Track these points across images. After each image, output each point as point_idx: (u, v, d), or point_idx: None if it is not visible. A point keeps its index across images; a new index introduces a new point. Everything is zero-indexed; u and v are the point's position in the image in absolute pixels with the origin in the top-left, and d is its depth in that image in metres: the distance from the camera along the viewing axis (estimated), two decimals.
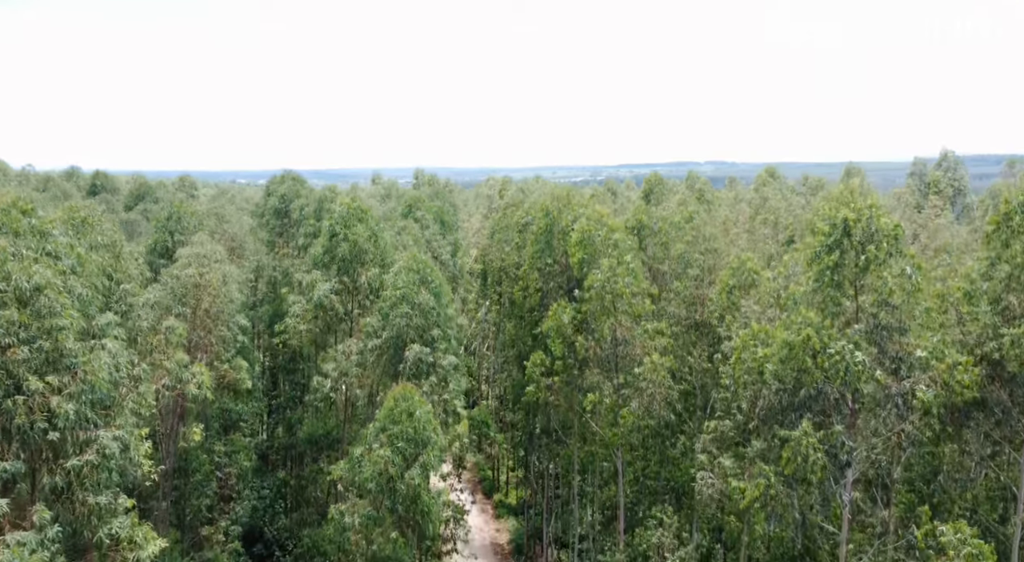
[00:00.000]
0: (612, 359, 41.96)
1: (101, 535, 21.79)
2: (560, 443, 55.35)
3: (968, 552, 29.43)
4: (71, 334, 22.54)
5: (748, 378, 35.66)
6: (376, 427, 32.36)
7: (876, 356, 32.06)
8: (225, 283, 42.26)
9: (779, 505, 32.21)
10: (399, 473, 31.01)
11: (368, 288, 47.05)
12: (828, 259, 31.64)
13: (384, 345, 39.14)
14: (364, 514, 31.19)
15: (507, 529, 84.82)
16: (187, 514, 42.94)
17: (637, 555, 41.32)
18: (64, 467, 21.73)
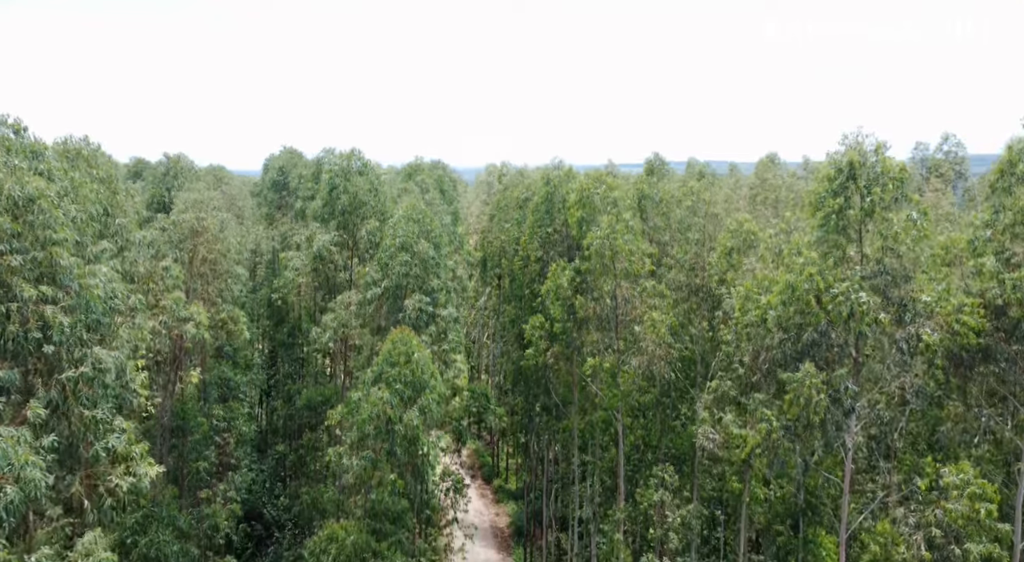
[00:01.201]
0: (612, 320, 41.66)
1: (97, 449, 21.45)
2: (560, 418, 55.03)
3: (972, 491, 29.18)
4: (66, 250, 22.20)
5: (750, 330, 35.41)
6: (374, 371, 32.06)
7: (881, 304, 31.81)
8: (223, 230, 41.90)
9: (782, 449, 31.88)
10: (397, 416, 30.72)
11: (368, 242, 46.67)
12: (832, 203, 31.40)
13: (383, 295, 38.79)
14: (363, 456, 30.87)
15: (507, 513, 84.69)
16: (186, 476, 42.56)
17: (638, 515, 41.00)
18: (59, 379, 21.36)
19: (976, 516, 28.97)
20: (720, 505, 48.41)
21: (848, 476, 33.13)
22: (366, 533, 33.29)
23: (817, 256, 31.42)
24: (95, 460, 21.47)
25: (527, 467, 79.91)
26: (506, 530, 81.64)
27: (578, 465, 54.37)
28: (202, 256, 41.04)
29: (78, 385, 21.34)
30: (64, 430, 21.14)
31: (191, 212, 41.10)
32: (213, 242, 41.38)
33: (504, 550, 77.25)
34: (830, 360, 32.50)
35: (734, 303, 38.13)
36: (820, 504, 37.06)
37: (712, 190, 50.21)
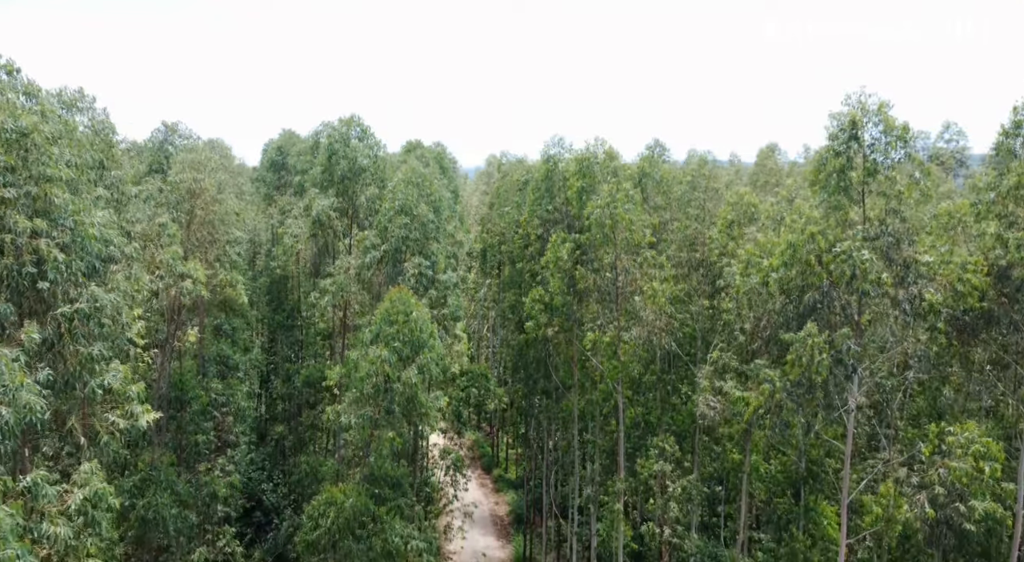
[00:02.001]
0: (612, 291, 41.39)
1: (93, 386, 21.17)
2: (560, 400, 54.76)
3: (976, 449, 28.97)
4: (60, 187, 21.88)
5: (752, 295, 35.24)
6: (372, 331, 31.84)
7: (883, 265, 31.62)
8: (221, 191, 41.46)
9: (785, 411, 31.65)
10: (396, 374, 30.49)
11: (368, 209, 46.31)
12: (835, 162, 31.20)
13: (382, 259, 38.52)
14: (361, 414, 30.63)
15: (506, 502, 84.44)
16: (185, 448, 42.26)
17: (638, 485, 40.75)
18: (54, 316, 21.04)
19: (980, 475, 28.75)
20: (721, 482, 48.25)
21: (850, 440, 32.87)
22: (365, 496, 33.10)
23: (819, 216, 31.23)
24: (91, 397, 21.15)
25: (527, 457, 79.69)
26: (506, 518, 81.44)
27: (578, 447, 54.11)
28: (200, 218, 40.65)
29: (73, 322, 21.04)
30: (60, 367, 20.84)
31: (188, 172, 40.68)
32: (211, 204, 40.97)
33: (504, 538, 77.04)
34: (832, 322, 32.28)
35: (735, 270, 37.95)
36: (822, 472, 36.85)
37: (714, 172, 49.92)
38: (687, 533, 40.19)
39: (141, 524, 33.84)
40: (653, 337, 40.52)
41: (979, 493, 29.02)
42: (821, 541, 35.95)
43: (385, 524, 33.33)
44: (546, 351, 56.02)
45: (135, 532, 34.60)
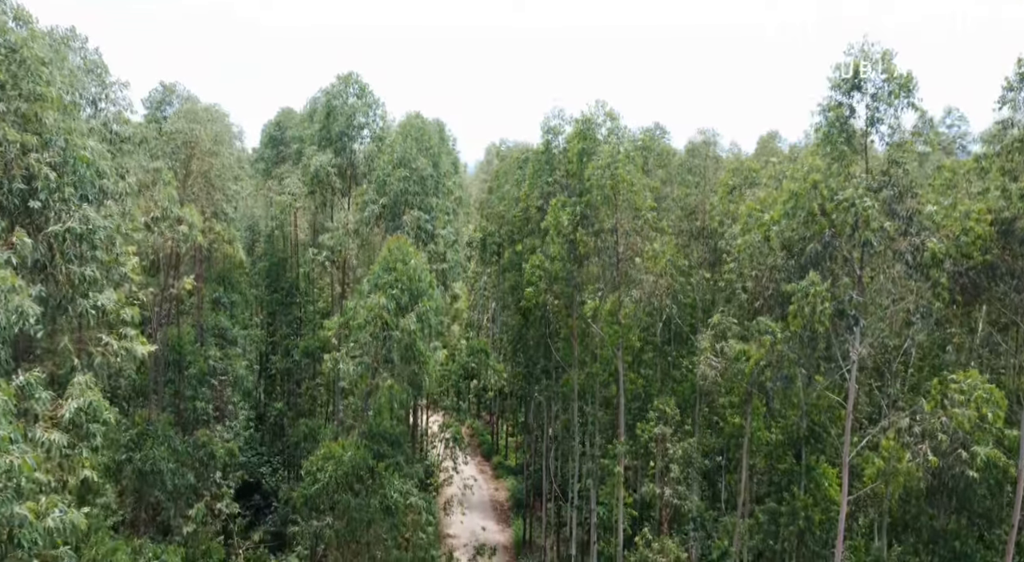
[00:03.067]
0: (613, 255, 41.11)
1: (86, 307, 20.84)
2: (561, 377, 54.48)
3: (979, 395, 28.73)
4: (51, 107, 21.47)
5: (752, 250, 35.00)
6: (370, 281, 31.59)
7: (887, 217, 31.41)
8: (217, 143, 41.02)
9: (786, 362, 31.39)
10: (394, 322, 30.25)
11: (367, 167, 45.88)
12: (837, 111, 31.00)
13: (381, 213, 38.23)
14: (360, 362, 30.40)
15: (506, 487, 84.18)
16: (183, 412, 41.94)
17: (638, 448, 40.49)
18: (46, 234, 20.64)
19: (983, 422, 28.51)
20: (722, 452, 47.97)
21: (852, 395, 32.59)
22: (364, 451, 32.86)
23: (822, 165, 31.01)
24: (84, 316, 20.78)
25: (526, 444, 79.44)
26: (505, 503, 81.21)
27: (578, 423, 53.81)
28: (196, 171, 40.18)
29: (65, 242, 20.67)
30: (52, 289, 20.50)
31: (184, 122, 40.24)
32: (207, 156, 40.45)
33: (503, 522, 76.78)
34: (835, 275, 32.03)
35: (736, 231, 37.75)
36: (824, 433, 36.55)
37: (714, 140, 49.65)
38: (688, 493, 39.90)
39: (138, 477, 33.57)
40: (654, 300, 40.25)
41: (982, 440, 28.73)
42: (823, 501, 35.66)
43: (384, 479, 33.10)
44: (546, 329, 55.74)
45: (132, 486, 34.33)
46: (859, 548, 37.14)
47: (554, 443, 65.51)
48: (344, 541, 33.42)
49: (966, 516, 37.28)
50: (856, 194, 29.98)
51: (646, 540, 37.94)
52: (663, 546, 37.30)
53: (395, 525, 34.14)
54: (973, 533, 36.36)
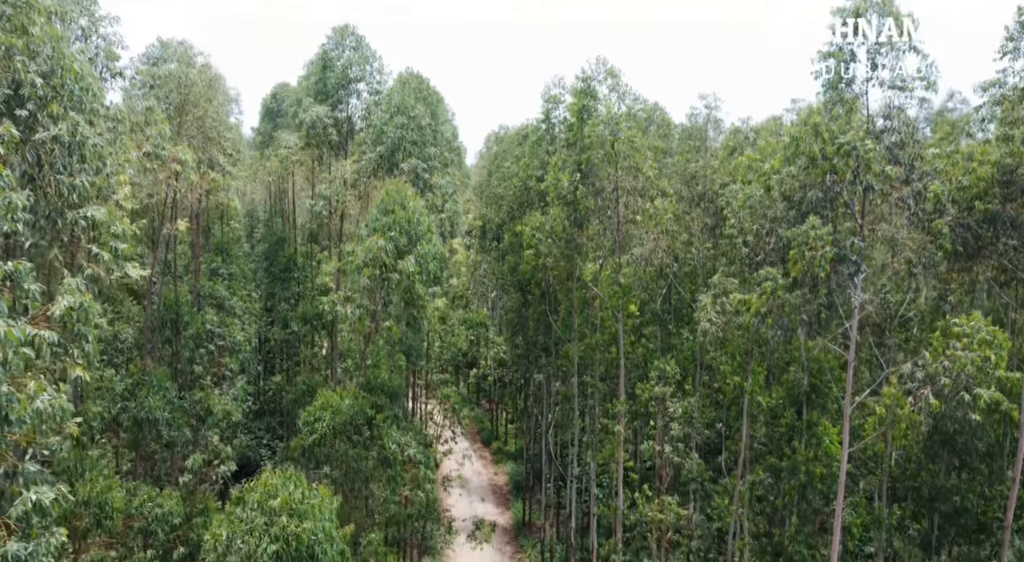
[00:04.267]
0: (614, 215, 40.84)
1: (76, 217, 20.46)
2: (560, 352, 54.19)
3: (982, 337, 28.46)
4: (39, 14, 20.90)
5: (753, 202, 34.77)
6: (369, 225, 31.35)
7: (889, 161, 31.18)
8: (212, 88, 40.48)
9: (788, 307, 31.09)
10: (393, 263, 30.00)
11: (363, 120, 45.41)
12: (838, 55, 30.77)
13: (379, 162, 37.93)
14: (358, 304, 30.14)
15: (505, 472, 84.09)
16: (181, 373, 41.62)
17: (638, 408, 40.21)
18: (33, 142, 20.15)
19: (986, 365, 28.22)
20: (721, 420, 47.70)
21: (853, 344, 32.30)
22: (362, 400, 32.61)
23: (823, 107, 30.79)
24: (74, 226, 20.39)
25: (525, 428, 79.27)
26: (505, 487, 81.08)
27: (578, 398, 53.54)
28: (190, 115, 39.53)
29: (54, 152, 20.24)
30: (41, 202, 20.13)
31: (176, 65, 39.61)
32: (202, 100, 39.78)
33: (503, 505, 76.62)
34: (836, 222, 31.80)
35: (738, 187, 37.53)
36: (825, 388, 36.29)
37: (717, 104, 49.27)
38: (688, 452, 39.60)
39: (134, 425, 33.28)
40: (655, 259, 39.97)
41: (984, 383, 28.43)
42: (824, 457, 35.39)
43: (382, 430, 32.83)
44: (545, 306, 55.56)
45: (128, 435, 34.07)
46: (860, 504, 36.87)
47: (553, 427, 65.28)
48: (343, 493, 33.14)
49: (967, 472, 37.04)
50: (857, 137, 29.73)
51: (646, 496, 37.66)
52: (663, 503, 37.00)
53: (393, 477, 33.88)
54: (975, 488, 36.10)
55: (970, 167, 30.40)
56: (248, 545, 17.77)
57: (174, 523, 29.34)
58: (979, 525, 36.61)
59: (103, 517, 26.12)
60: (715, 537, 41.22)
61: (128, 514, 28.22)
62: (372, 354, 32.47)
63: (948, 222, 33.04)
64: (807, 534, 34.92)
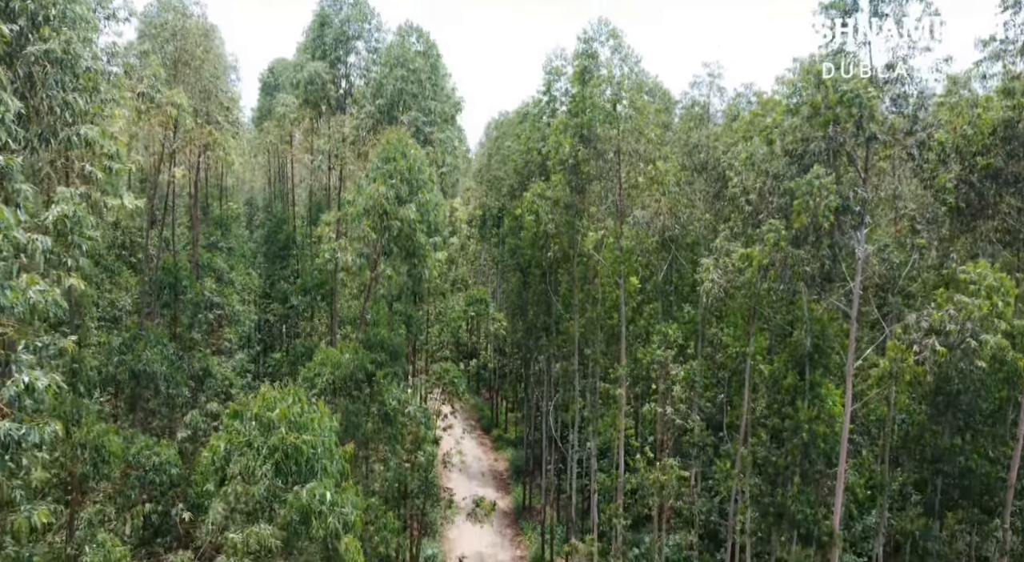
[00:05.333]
0: (616, 180, 40.56)
1: (69, 134, 20.07)
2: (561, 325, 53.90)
3: (989, 284, 28.20)
4: None
5: (755, 161, 34.56)
6: (370, 174, 31.06)
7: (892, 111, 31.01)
8: (208, 38, 39.89)
9: (791, 259, 30.83)
10: (394, 210, 29.72)
11: (363, 75, 44.95)
12: (840, 5, 30.60)
13: (380, 117, 37.59)
14: (358, 250, 29.85)
15: (506, 458, 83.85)
16: (179, 338, 41.23)
17: (640, 371, 39.92)
18: (24, 56, 19.70)
19: (993, 312, 27.95)
20: (724, 391, 47.48)
21: (856, 298, 32.07)
22: (363, 355, 32.34)
23: (825, 57, 30.58)
24: (67, 145, 20.01)
25: (525, 411, 79.01)
26: (505, 473, 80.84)
27: (579, 375, 53.24)
28: (187, 66, 38.86)
29: (46, 67, 19.85)
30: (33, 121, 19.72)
31: (172, 14, 38.99)
32: (199, 49, 39.13)
33: (503, 489, 76.36)
34: (839, 174, 31.56)
35: (740, 149, 37.31)
36: (827, 347, 36.01)
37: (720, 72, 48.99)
38: (690, 413, 39.30)
39: (131, 378, 32.97)
40: (657, 221, 39.71)
41: (991, 331, 28.16)
42: (826, 417, 35.09)
43: (382, 387, 32.56)
44: (546, 284, 55.30)
45: (126, 391, 33.77)
46: (864, 464, 36.60)
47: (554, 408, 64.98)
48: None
49: (971, 433, 36.80)
50: (860, 85, 29.53)
51: (648, 459, 37.36)
52: (664, 465, 36.71)
53: (394, 436, 33.61)
54: (979, 448, 35.85)
55: (975, 114, 30.15)
56: (247, 457, 17.55)
57: (172, 473, 29.04)
58: (983, 486, 36.38)
59: (100, 461, 25.84)
60: (716, 501, 40.94)
61: (125, 461, 27.95)
62: (372, 309, 32.18)
63: (951, 179, 32.86)
64: (809, 494, 34.59)
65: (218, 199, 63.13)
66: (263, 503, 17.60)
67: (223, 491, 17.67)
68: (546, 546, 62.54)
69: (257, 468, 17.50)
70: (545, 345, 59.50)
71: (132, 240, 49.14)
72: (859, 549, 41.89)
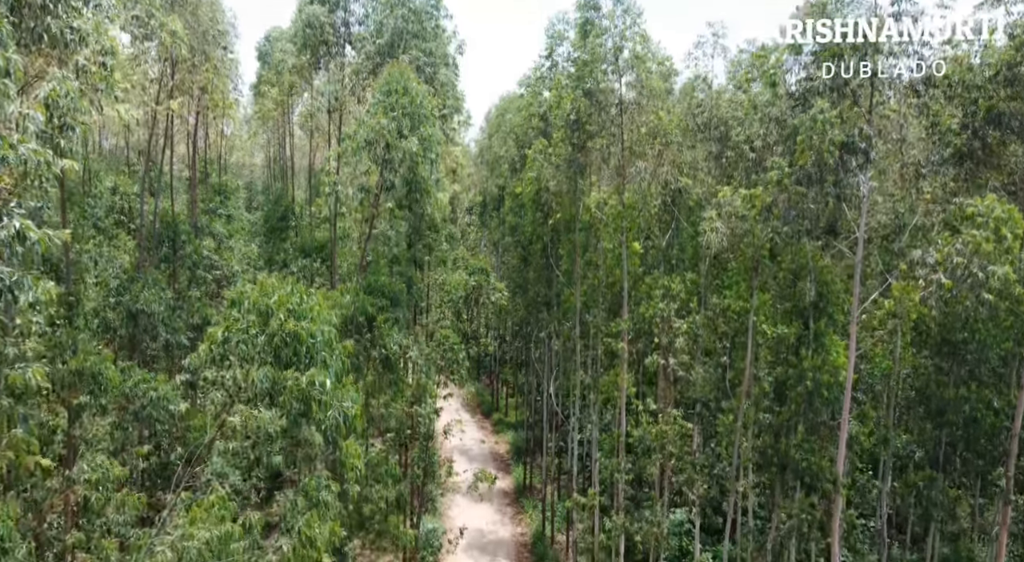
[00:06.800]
0: (617, 132, 40.23)
1: (61, 26, 19.60)
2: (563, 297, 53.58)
3: (997, 215, 27.91)
4: None
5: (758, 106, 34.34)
6: (371, 108, 30.72)
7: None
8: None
9: (794, 195, 30.56)
10: (396, 142, 29.37)
11: (362, 21, 44.39)
12: None
13: (378, 54, 37.20)
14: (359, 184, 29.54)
15: (506, 441, 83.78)
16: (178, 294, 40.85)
17: (642, 325, 39.58)
18: None
19: (1001, 244, 27.65)
20: (727, 352, 47.09)
21: (861, 240, 31.76)
22: (363, 298, 32.02)
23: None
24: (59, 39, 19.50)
25: (526, 399, 78.90)
26: (506, 456, 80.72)
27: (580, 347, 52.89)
28: (182, 5, 38.22)
29: None
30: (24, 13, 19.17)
31: None
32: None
33: (504, 471, 76.15)
34: (842, 113, 31.28)
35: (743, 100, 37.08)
36: (831, 296, 35.68)
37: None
38: (692, 363, 38.95)
39: (129, 318, 32.63)
40: (660, 173, 39.39)
41: (999, 261, 27.84)
42: (830, 367, 34.75)
43: (382, 331, 32.24)
44: (546, 258, 55.06)
45: (124, 332, 33.41)
46: (867, 414, 36.28)
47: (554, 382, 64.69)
48: None
49: (975, 384, 36.50)
50: (861, 18, 29.32)
51: (650, 412, 37.01)
52: (667, 416, 36.37)
53: (394, 381, 33.28)
54: (984, 397, 35.55)
55: (984, 40, 29.92)
56: (245, 344, 17.23)
57: (170, 410, 28.67)
58: (987, 436, 36.10)
59: (97, 389, 25.50)
60: (718, 455, 40.60)
61: (123, 394, 27.60)
62: (372, 252, 31.83)
63: (956, 121, 32.64)
64: (813, 444, 34.24)
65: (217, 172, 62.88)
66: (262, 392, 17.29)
67: (221, 377, 17.38)
68: (547, 523, 62.28)
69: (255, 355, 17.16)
70: (546, 320, 59.22)
71: (130, 206, 48.86)
72: (863, 508, 41.57)
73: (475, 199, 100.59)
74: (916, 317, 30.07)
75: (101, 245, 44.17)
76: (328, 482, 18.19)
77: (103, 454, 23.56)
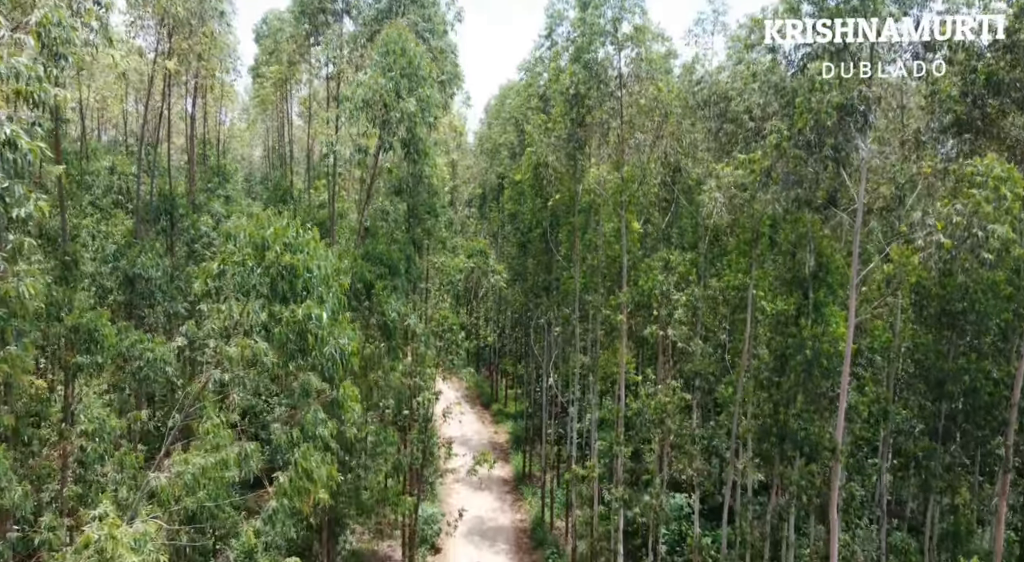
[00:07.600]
0: (617, 104, 40.14)
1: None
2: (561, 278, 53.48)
3: (996, 174, 27.76)
4: None
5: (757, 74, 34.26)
6: (370, 69, 30.55)
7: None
8: None
9: (792, 158, 30.44)
10: (394, 103, 29.26)
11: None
12: None
13: (375, 22, 36.98)
14: (357, 143, 29.41)
15: (506, 431, 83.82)
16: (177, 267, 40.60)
17: (642, 298, 39.44)
18: None
19: (1000, 204, 27.49)
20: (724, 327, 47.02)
21: (861, 204, 31.63)
22: (361, 264, 31.91)
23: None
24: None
25: (525, 390, 78.83)
26: (505, 445, 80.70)
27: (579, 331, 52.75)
28: None
29: None
30: None
31: None
32: None
33: (503, 459, 76.10)
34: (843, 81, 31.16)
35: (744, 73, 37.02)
36: (829, 264, 35.58)
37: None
38: (692, 335, 38.82)
39: (125, 283, 32.49)
40: (659, 144, 39.30)
41: (999, 221, 27.68)
42: (831, 338, 34.62)
43: (381, 297, 32.13)
44: (545, 243, 54.99)
45: (121, 297, 33.24)
46: (867, 385, 36.14)
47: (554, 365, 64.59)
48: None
49: (975, 355, 36.38)
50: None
51: (650, 382, 36.87)
52: (667, 387, 36.23)
53: (393, 348, 33.14)
54: (984, 367, 35.43)
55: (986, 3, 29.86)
56: (241, 276, 17.08)
57: (167, 372, 28.50)
58: (987, 406, 35.98)
59: (94, 346, 25.35)
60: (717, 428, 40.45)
61: (119, 354, 27.46)
62: (372, 225, 31.70)
63: (955, 84, 32.54)
64: (812, 413, 34.10)
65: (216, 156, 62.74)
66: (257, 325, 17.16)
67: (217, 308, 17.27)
68: (546, 509, 62.20)
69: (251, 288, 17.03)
70: (545, 305, 59.13)
71: (128, 186, 48.75)
72: (864, 480, 41.41)
73: (475, 191, 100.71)
74: (915, 281, 29.89)
75: (99, 222, 44.07)
76: (325, 417, 18.10)
77: (100, 406, 23.35)
